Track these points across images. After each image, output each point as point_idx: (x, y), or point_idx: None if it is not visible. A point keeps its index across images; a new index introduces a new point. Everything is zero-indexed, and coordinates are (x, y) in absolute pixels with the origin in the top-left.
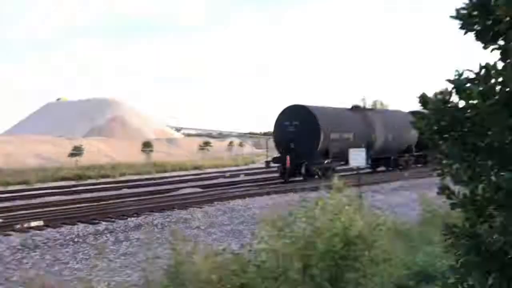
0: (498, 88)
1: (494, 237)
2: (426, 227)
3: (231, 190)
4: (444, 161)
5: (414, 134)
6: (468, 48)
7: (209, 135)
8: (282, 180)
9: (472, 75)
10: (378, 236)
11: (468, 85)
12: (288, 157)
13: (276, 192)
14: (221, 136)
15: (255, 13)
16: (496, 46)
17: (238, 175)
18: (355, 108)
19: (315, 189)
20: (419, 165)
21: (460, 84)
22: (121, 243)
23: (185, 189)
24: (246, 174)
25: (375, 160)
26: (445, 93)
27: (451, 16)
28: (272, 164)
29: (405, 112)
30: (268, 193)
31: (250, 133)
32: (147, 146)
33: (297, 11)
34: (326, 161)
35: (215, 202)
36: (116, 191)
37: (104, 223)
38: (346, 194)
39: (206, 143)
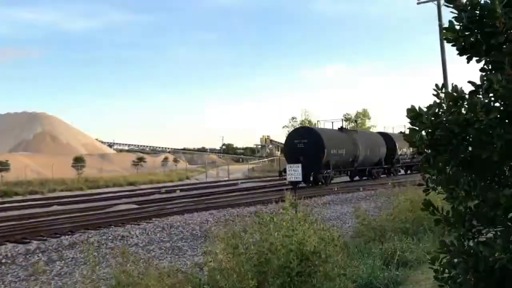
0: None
1: (496, 255)
2: (360, 239)
3: (168, 206)
4: (434, 176)
5: (383, 150)
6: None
7: (142, 151)
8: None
9: (465, 88)
10: (333, 251)
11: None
12: (301, 165)
13: (215, 208)
14: (154, 151)
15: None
16: (484, 60)
17: (174, 191)
18: (343, 129)
19: (253, 204)
20: (384, 176)
21: (458, 97)
22: (54, 262)
23: (120, 205)
24: (182, 190)
25: (357, 172)
26: (439, 106)
27: (445, 28)
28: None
29: (376, 133)
30: (207, 209)
31: (184, 149)
32: (78, 161)
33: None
34: (327, 171)
35: (153, 219)
36: (47, 208)
37: (35, 242)
38: (300, 209)
39: (140, 159)
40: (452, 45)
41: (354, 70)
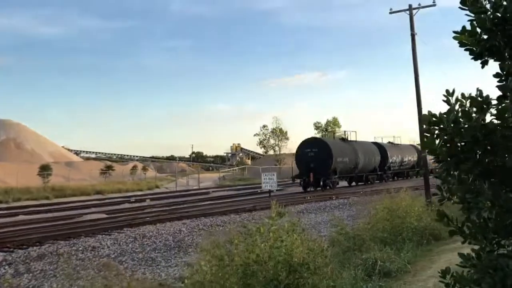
0: None
1: None
2: (338, 249)
3: (140, 216)
4: (453, 185)
5: (378, 158)
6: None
7: (110, 159)
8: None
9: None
10: (322, 262)
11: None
12: (311, 174)
13: (188, 217)
14: (122, 160)
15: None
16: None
17: (144, 200)
18: (345, 140)
19: (227, 213)
20: (378, 181)
21: (484, 102)
22: (22, 275)
23: (90, 215)
24: (152, 199)
25: (357, 178)
26: (456, 113)
27: (459, 32)
28: (297, 180)
29: (370, 142)
30: (179, 218)
31: (152, 157)
32: (44, 169)
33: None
34: (334, 177)
35: (125, 229)
36: (12, 217)
37: (1, 253)
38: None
39: (109, 167)
40: (465, 50)
41: (326, 77)
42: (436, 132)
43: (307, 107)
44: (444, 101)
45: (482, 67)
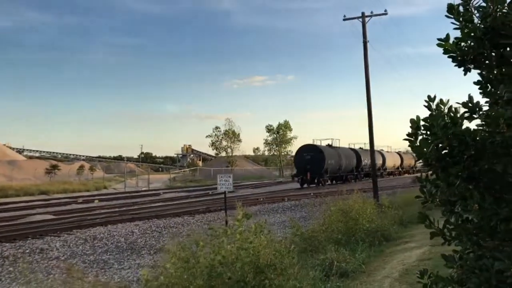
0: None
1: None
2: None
3: (89, 217)
4: (441, 189)
5: (354, 161)
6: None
7: (55, 158)
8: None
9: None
10: (289, 263)
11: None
12: (308, 173)
13: (140, 219)
14: (67, 159)
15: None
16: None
17: (92, 201)
18: (331, 146)
19: (180, 214)
20: (353, 181)
21: (475, 108)
22: None
23: (35, 216)
24: (101, 200)
25: (339, 177)
26: (455, 118)
27: (439, 40)
28: (295, 178)
29: (348, 148)
30: (131, 220)
31: (99, 157)
32: None
33: None
34: (326, 176)
35: (74, 230)
36: None
37: None
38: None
39: (54, 167)
40: (449, 57)
41: (278, 81)
42: (421, 136)
43: (259, 109)
44: (425, 106)
45: (465, 74)
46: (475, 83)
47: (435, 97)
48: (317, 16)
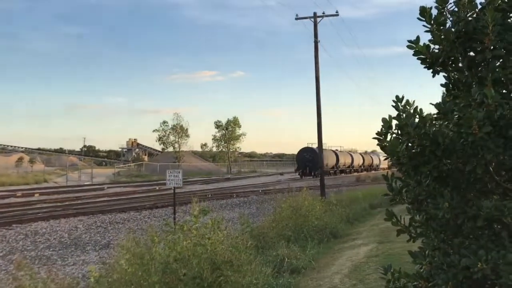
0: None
1: (478, 265)
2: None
3: (30, 212)
4: (411, 187)
5: (334, 160)
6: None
7: None
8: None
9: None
10: (247, 260)
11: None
12: (308, 168)
13: (84, 214)
14: (5, 150)
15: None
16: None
17: (32, 195)
18: (328, 148)
19: (126, 210)
20: (332, 176)
21: (448, 109)
22: None
23: None
24: (42, 194)
25: (326, 172)
26: (427, 118)
27: (409, 41)
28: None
29: (330, 149)
30: (75, 215)
31: (39, 149)
32: None
33: None
34: (319, 171)
35: (14, 225)
36: None
37: None
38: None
39: None
40: (418, 59)
41: (228, 77)
42: (390, 136)
43: (208, 105)
44: (393, 106)
45: (433, 76)
46: (442, 85)
47: (403, 97)
48: (270, 14)
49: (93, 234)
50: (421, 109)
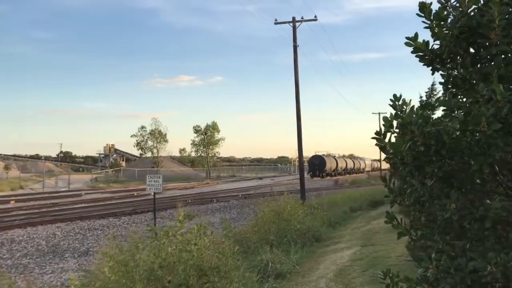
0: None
1: (488, 268)
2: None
3: (6, 219)
4: (415, 188)
5: (335, 164)
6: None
7: None
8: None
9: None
10: (234, 266)
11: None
12: (317, 171)
13: (62, 220)
14: None
15: None
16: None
17: (8, 202)
18: (324, 155)
19: (105, 216)
20: (329, 177)
21: (454, 106)
22: None
23: None
24: (17, 201)
25: (328, 174)
26: (429, 116)
27: (407, 38)
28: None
29: (331, 156)
30: (53, 222)
31: (15, 156)
32: None
33: None
34: (326, 173)
35: None
36: None
37: None
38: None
39: None
40: (416, 56)
41: (207, 82)
42: (389, 135)
43: (187, 109)
44: (390, 105)
45: (433, 73)
46: (441, 83)
47: (400, 96)
48: (248, 19)
49: (72, 241)
50: (417, 108)
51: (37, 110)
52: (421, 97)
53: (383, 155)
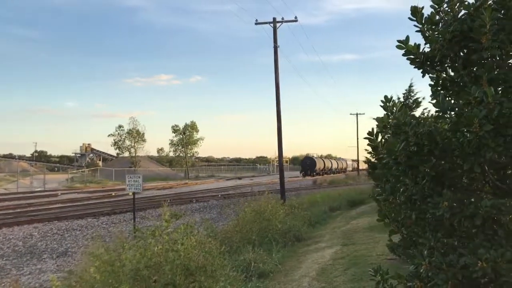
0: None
1: (478, 264)
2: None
3: None
4: (407, 187)
5: (323, 165)
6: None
7: None
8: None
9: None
10: (220, 265)
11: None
12: (309, 170)
13: (39, 221)
14: None
15: None
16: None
17: None
18: (314, 157)
19: (83, 216)
20: (318, 176)
21: (447, 108)
22: None
23: None
24: None
25: (317, 173)
26: (425, 117)
27: (399, 41)
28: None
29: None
30: (30, 222)
31: None
32: None
33: None
34: (316, 172)
35: None
36: None
37: None
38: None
39: None
40: (408, 59)
41: (185, 81)
42: (386, 135)
43: (165, 109)
44: (381, 106)
45: (423, 76)
46: (430, 85)
47: (391, 97)
48: (229, 19)
49: (50, 242)
50: (406, 109)
51: (11, 109)
52: (398, 98)
53: (361, 156)
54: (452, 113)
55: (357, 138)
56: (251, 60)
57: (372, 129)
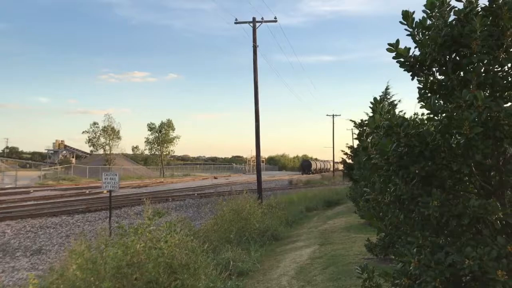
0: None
1: (466, 263)
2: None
3: None
4: (397, 187)
5: (318, 165)
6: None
7: None
8: None
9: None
10: (204, 262)
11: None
12: (307, 170)
13: (12, 218)
14: None
15: None
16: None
17: None
18: (311, 158)
19: (57, 214)
20: (313, 174)
21: (438, 110)
22: None
23: None
24: None
25: (312, 172)
26: (414, 120)
27: (389, 44)
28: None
29: (312, 158)
30: (1, 219)
31: None
32: None
33: None
34: (312, 172)
35: None
36: None
37: None
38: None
39: None
40: (397, 62)
41: (160, 79)
42: (373, 136)
43: (140, 106)
44: (371, 107)
45: (412, 79)
46: (419, 87)
47: (381, 99)
48: (207, 17)
49: (23, 239)
50: (395, 111)
51: None
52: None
53: (337, 157)
54: (443, 115)
55: (333, 139)
56: (229, 59)
57: (364, 129)
